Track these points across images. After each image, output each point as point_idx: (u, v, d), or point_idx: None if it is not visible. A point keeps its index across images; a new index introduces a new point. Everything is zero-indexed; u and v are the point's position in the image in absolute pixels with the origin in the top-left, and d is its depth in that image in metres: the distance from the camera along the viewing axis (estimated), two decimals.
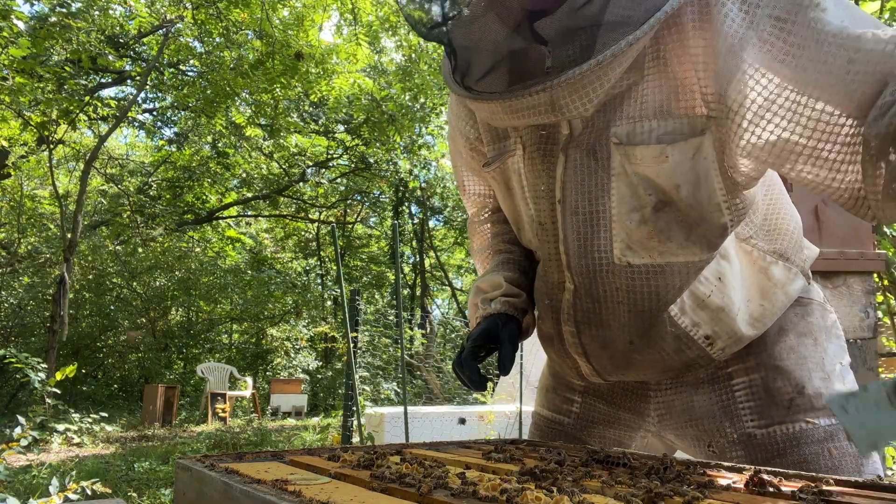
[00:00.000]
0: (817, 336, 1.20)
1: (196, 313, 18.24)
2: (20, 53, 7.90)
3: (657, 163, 1.05)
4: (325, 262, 20.16)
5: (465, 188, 1.51)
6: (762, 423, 1.15)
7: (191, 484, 0.89)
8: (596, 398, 1.35)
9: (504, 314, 1.31)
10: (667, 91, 1.04)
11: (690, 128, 1.03)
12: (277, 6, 10.60)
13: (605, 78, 0.98)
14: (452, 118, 1.41)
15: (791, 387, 1.15)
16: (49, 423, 6.63)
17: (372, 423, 6.29)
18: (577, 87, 0.98)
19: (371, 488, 0.79)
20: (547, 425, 1.43)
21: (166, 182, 16.85)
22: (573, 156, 1.13)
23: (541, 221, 1.21)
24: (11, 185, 14.49)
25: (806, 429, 1.12)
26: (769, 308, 1.17)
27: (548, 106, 1.02)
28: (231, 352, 17.85)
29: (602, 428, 1.34)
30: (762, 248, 1.18)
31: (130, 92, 15.02)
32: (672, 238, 1.09)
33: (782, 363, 1.17)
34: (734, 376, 1.19)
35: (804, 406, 1.14)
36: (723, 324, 1.14)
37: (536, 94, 1.00)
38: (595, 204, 1.12)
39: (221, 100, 11.45)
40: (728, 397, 1.18)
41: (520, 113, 1.05)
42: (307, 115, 15.92)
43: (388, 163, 15.41)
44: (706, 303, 1.12)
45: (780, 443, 1.13)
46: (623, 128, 1.07)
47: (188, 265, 17.45)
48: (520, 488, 0.70)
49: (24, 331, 15.35)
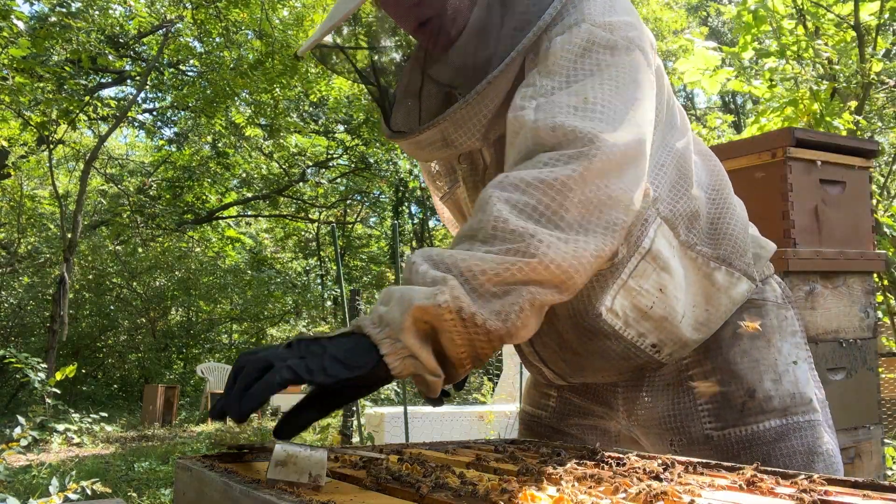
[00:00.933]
0: (770, 337, 1.25)
1: (196, 313, 18.24)
2: (20, 53, 7.90)
3: None
4: (325, 262, 20.16)
5: (442, 215, 1.59)
6: (718, 426, 1.20)
7: (191, 484, 0.89)
8: (570, 392, 1.41)
9: None
10: None
11: None
12: (277, 6, 10.60)
13: (479, 113, 1.11)
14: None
15: (743, 391, 1.20)
16: (49, 423, 6.63)
17: (372, 423, 6.29)
18: (459, 123, 1.11)
19: (370, 488, 0.79)
20: (529, 420, 1.50)
21: (166, 182, 16.85)
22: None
23: None
24: (11, 185, 14.50)
25: (757, 431, 1.18)
26: (714, 312, 1.23)
27: (441, 141, 1.16)
28: (231, 352, 17.85)
29: (578, 419, 1.40)
30: (706, 255, 1.22)
31: (130, 92, 15.03)
32: None
33: (735, 367, 1.22)
34: (694, 379, 1.24)
35: (755, 409, 1.19)
36: (667, 332, 1.20)
37: (428, 130, 1.14)
38: None
39: (221, 100, 11.46)
40: (689, 399, 1.24)
41: (425, 149, 1.20)
42: (307, 115, 15.92)
43: (388, 163, 15.42)
44: (649, 314, 1.18)
45: (735, 444, 1.19)
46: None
47: (188, 265, 17.46)
48: (520, 488, 0.70)
49: (24, 331, 15.35)
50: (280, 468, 0.75)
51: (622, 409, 1.32)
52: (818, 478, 0.82)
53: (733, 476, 0.85)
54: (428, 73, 1.26)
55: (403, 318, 0.83)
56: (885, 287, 4.63)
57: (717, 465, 0.96)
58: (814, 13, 5.28)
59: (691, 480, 0.82)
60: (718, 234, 1.23)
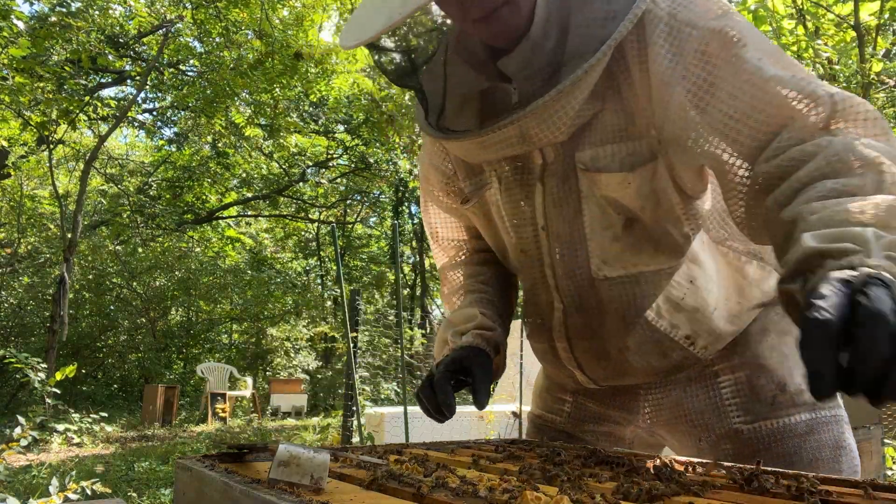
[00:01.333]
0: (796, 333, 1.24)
1: (196, 313, 18.25)
2: (20, 53, 7.90)
3: (622, 188, 1.13)
4: (325, 262, 20.17)
5: (437, 236, 1.51)
6: (748, 420, 1.21)
7: (191, 484, 0.89)
8: (586, 398, 1.40)
9: (475, 347, 1.28)
10: (623, 117, 1.11)
11: (648, 148, 1.11)
12: (277, 6, 10.60)
13: (568, 105, 1.05)
14: (427, 159, 1.42)
15: (774, 384, 1.21)
16: (49, 423, 6.64)
17: (372, 423, 6.29)
18: (543, 117, 1.06)
19: (370, 488, 0.79)
20: (541, 424, 1.49)
21: (166, 182, 16.85)
22: (550, 183, 1.20)
23: (523, 248, 1.27)
24: (11, 185, 14.50)
25: (788, 424, 1.18)
26: (746, 305, 1.24)
27: (518, 138, 1.10)
28: (231, 352, 17.85)
29: (593, 425, 1.39)
30: (737, 250, 1.24)
31: (130, 92, 15.02)
32: (642, 251, 1.18)
33: (765, 362, 1.23)
34: (720, 374, 1.25)
35: (786, 402, 1.20)
36: (700, 323, 1.20)
37: (505, 127, 1.08)
38: (573, 227, 1.19)
39: (221, 100, 11.45)
40: (715, 394, 1.24)
41: (492, 147, 1.14)
42: (307, 115, 15.92)
43: (388, 163, 15.41)
44: (681, 305, 1.19)
45: (766, 437, 1.19)
46: (587, 153, 1.14)
47: (188, 265, 17.45)
48: (520, 488, 0.70)
49: (24, 331, 15.35)
50: (282, 468, 0.75)
51: (645, 412, 1.32)
52: (817, 477, 0.82)
53: (734, 475, 0.85)
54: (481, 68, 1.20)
55: None
56: None
57: (716, 464, 0.96)
58: (814, 13, 5.28)
59: (691, 480, 0.82)
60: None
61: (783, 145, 0.92)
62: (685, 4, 1.03)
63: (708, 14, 1.02)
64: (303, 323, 17.54)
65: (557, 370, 1.36)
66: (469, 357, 1.24)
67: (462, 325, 1.33)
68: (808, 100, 0.92)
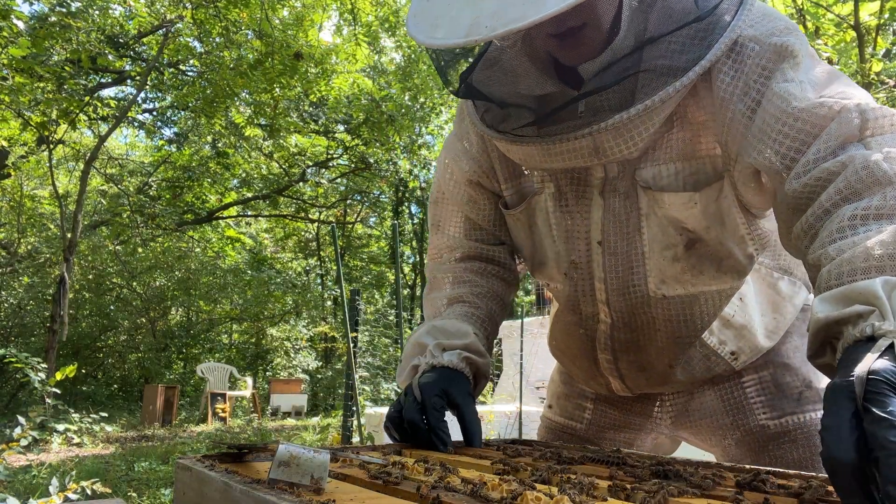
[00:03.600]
0: None
1: (196, 313, 18.25)
2: (20, 53, 7.90)
3: (686, 208, 1.11)
4: (325, 262, 20.16)
5: (439, 227, 1.42)
6: (774, 415, 1.24)
7: (191, 484, 0.89)
8: (607, 405, 1.41)
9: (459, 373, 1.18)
10: (689, 136, 1.10)
11: (712, 167, 1.10)
12: (277, 6, 10.60)
13: (650, 122, 1.03)
14: (460, 148, 1.35)
15: (799, 381, 1.24)
16: (49, 423, 6.63)
17: (372, 423, 6.28)
18: (622, 132, 1.03)
19: (371, 488, 0.79)
20: (559, 430, 1.49)
21: (166, 182, 16.85)
22: (610, 199, 1.17)
23: (574, 260, 1.24)
24: (11, 185, 14.49)
25: (815, 418, 1.21)
26: (781, 320, 1.27)
27: (591, 150, 1.06)
28: (231, 352, 17.86)
29: (613, 432, 1.41)
30: (769, 266, 1.26)
31: (130, 92, 15.02)
32: (704, 271, 1.17)
33: (790, 361, 1.26)
34: (744, 374, 1.27)
35: (812, 398, 1.23)
36: (746, 340, 1.23)
37: (580, 138, 1.05)
38: (631, 244, 1.17)
39: (221, 100, 11.44)
40: (740, 394, 1.27)
41: (559, 156, 1.09)
42: (307, 115, 15.91)
43: (388, 163, 15.41)
44: (731, 322, 1.22)
45: (793, 430, 1.22)
46: (648, 171, 1.12)
47: (188, 265, 17.45)
48: (520, 489, 0.70)
49: (24, 331, 15.35)
50: (282, 468, 0.75)
51: (667, 416, 1.34)
52: (816, 477, 0.82)
53: (734, 475, 0.84)
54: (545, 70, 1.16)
55: None
56: None
57: (717, 465, 0.96)
58: (814, 13, 5.27)
59: (690, 481, 0.82)
60: (776, 246, 1.25)
61: (810, 159, 0.92)
62: (751, 23, 1.03)
63: (773, 31, 1.02)
64: (303, 323, 17.53)
65: (591, 379, 1.35)
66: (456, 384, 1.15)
67: (451, 340, 1.23)
68: (838, 112, 0.92)
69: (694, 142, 1.10)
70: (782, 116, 0.96)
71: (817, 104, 0.94)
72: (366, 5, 11.45)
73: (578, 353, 1.33)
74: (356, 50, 11.48)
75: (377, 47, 15.20)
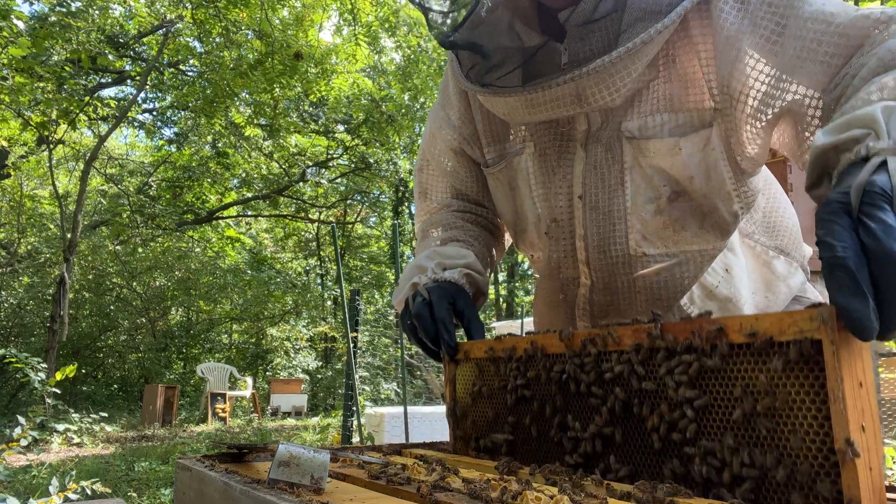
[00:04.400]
0: None
1: (196, 313, 18.25)
2: (20, 53, 7.90)
3: (671, 155, 1.09)
4: (325, 262, 20.17)
5: (426, 194, 1.47)
6: None
7: (191, 484, 0.89)
8: None
9: (459, 286, 1.22)
10: (677, 87, 1.09)
11: (699, 120, 1.09)
12: (277, 6, 10.60)
13: (632, 67, 1.01)
14: (443, 116, 1.39)
15: None
16: (49, 423, 6.63)
17: (372, 423, 6.28)
18: (604, 77, 1.01)
19: (370, 488, 0.79)
20: None
21: (166, 182, 16.86)
22: (592, 151, 1.16)
23: (555, 218, 1.23)
24: (11, 185, 14.49)
25: None
26: (773, 299, 1.23)
27: (573, 97, 1.05)
28: (231, 352, 17.86)
29: None
30: (764, 244, 1.24)
31: (130, 92, 15.03)
32: (686, 227, 1.14)
33: None
34: None
35: None
36: (730, 314, 1.18)
37: (562, 85, 1.03)
38: (612, 198, 1.15)
39: (221, 100, 11.45)
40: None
41: (541, 107, 1.08)
42: (307, 115, 15.92)
43: (388, 163, 15.41)
44: (714, 293, 1.17)
45: None
46: (634, 122, 1.11)
47: (188, 265, 17.46)
48: (520, 489, 0.70)
49: (24, 331, 15.36)
50: (282, 468, 0.75)
51: None
52: None
53: None
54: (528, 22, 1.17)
55: None
56: None
57: None
58: None
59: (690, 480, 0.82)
60: (773, 226, 1.25)
61: (851, 72, 0.91)
62: None
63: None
64: (303, 323, 17.53)
65: None
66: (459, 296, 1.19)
67: (450, 259, 1.27)
68: (870, 24, 0.92)
69: (682, 93, 1.09)
70: (810, 44, 0.95)
71: (845, 23, 0.93)
72: (366, 5, 11.45)
73: (560, 323, 1.31)
74: (356, 50, 11.49)
75: (377, 47, 15.20)
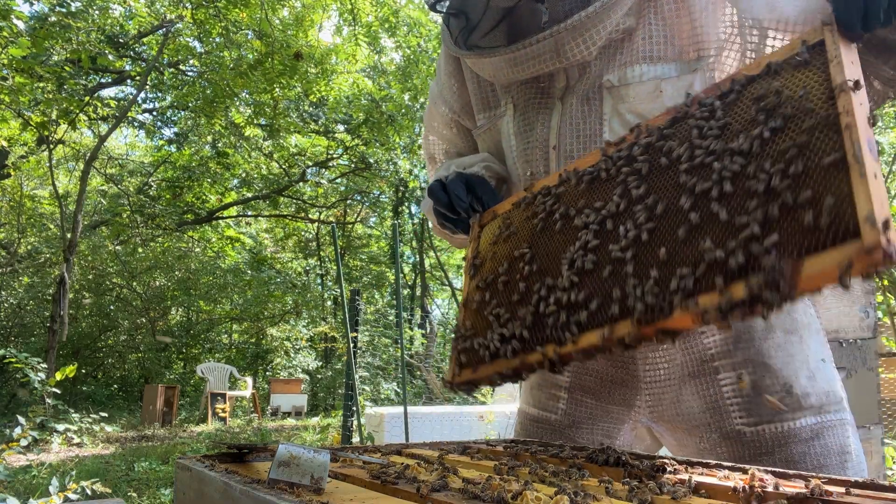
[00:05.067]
0: (802, 333, 1.22)
1: (196, 313, 18.24)
2: (20, 53, 7.90)
3: (651, 99, 1.11)
4: (325, 262, 20.15)
5: (434, 158, 1.57)
6: (751, 422, 1.16)
7: (191, 484, 0.89)
8: (583, 393, 1.34)
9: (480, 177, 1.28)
10: (660, 38, 1.12)
11: (679, 70, 1.11)
12: (277, 6, 10.60)
13: (607, 20, 1.07)
14: (437, 92, 1.48)
15: (780, 386, 1.15)
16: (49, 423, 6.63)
17: (372, 423, 6.28)
18: (580, 31, 1.07)
19: (371, 488, 0.79)
20: (533, 423, 1.42)
21: (166, 182, 16.86)
22: (569, 102, 1.19)
23: (532, 171, 1.25)
24: (11, 185, 14.49)
25: (794, 428, 1.14)
26: None
27: (552, 52, 1.10)
28: (231, 352, 17.86)
29: (590, 423, 1.34)
30: None
31: (130, 92, 15.02)
32: None
33: (770, 360, 1.17)
34: (720, 371, 1.19)
35: (792, 405, 1.14)
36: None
37: (541, 41, 1.09)
38: (588, 148, 1.17)
39: (221, 100, 11.45)
40: (715, 392, 1.19)
41: (524, 64, 1.14)
42: (307, 115, 15.91)
43: (388, 163, 15.41)
44: None
45: (769, 441, 1.14)
46: (615, 74, 1.14)
47: (188, 265, 17.45)
48: (520, 489, 0.70)
49: (24, 331, 15.35)
50: (283, 468, 0.75)
51: (645, 406, 1.28)
52: (823, 478, 0.82)
53: (735, 476, 0.84)
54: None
55: None
56: (885, 287, 4.62)
57: (717, 465, 0.95)
58: None
59: (689, 482, 0.82)
60: None
61: None
62: None
63: None
64: (303, 323, 17.53)
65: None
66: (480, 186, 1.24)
67: (468, 161, 1.35)
68: None
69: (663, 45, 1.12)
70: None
71: None
72: (366, 5, 11.45)
73: None
74: (356, 50, 11.49)
75: (377, 47, 15.20)
